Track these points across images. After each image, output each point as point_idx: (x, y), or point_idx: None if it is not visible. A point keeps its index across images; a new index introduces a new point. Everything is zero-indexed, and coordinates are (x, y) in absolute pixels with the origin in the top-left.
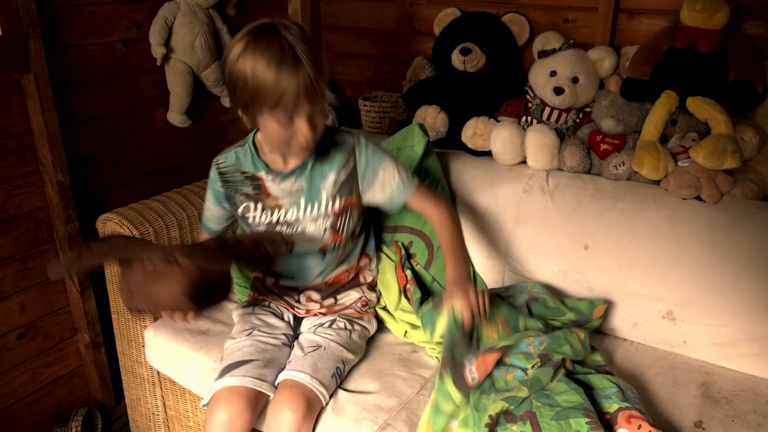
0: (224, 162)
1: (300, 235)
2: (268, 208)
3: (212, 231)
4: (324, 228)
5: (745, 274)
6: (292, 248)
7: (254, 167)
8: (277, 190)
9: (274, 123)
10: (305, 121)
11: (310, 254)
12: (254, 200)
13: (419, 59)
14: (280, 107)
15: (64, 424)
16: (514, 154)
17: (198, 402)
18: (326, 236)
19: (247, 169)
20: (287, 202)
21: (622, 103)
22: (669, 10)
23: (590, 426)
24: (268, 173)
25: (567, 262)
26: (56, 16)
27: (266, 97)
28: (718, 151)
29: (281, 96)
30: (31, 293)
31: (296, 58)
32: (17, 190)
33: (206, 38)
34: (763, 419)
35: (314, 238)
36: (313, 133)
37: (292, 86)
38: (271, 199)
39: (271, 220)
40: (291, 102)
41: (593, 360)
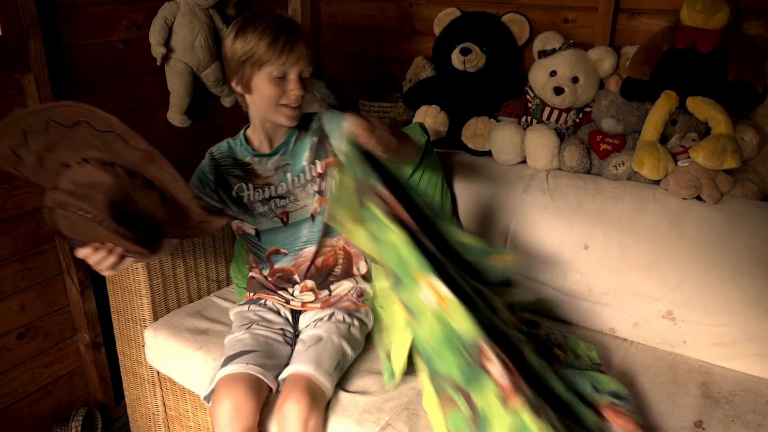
0: (218, 150)
1: (293, 204)
2: (259, 187)
3: None
4: (313, 192)
5: (745, 274)
6: (288, 221)
7: (243, 153)
8: (265, 170)
9: (268, 82)
10: (296, 78)
11: (302, 222)
12: (245, 181)
13: (419, 59)
14: (275, 64)
15: (64, 424)
16: (514, 154)
17: (198, 402)
18: (315, 200)
19: (237, 156)
20: (276, 179)
21: (622, 103)
22: (669, 10)
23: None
24: (255, 156)
25: (567, 262)
26: (56, 16)
27: (263, 54)
28: (718, 151)
29: (276, 51)
30: (31, 293)
31: (294, 25)
32: (17, 190)
33: (206, 38)
34: (763, 419)
35: (306, 205)
36: (303, 90)
37: (292, 45)
38: (261, 179)
39: (264, 196)
40: (287, 58)
41: (589, 356)
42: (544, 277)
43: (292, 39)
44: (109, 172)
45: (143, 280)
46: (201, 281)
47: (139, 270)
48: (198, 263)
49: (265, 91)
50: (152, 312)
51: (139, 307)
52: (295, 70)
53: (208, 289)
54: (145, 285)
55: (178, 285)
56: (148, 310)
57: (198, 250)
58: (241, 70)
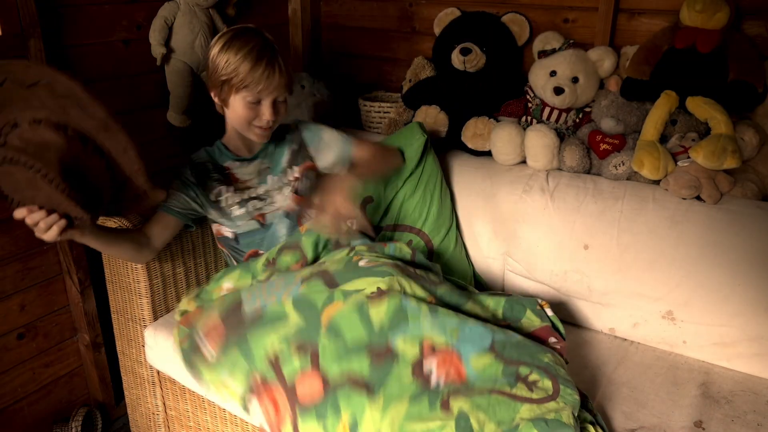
0: (196, 156)
1: (270, 205)
2: (239, 190)
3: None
4: (288, 193)
5: (745, 274)
6: (264, 222)
7: (222, 159)
8: (244, 174)
9: (242, 104)
10: (269, 105)
11: (278, 221)
12: (225, 184)
13: (419, 59)
14: (251, 91)
15: (64, 424)
16: (514, 154)
17: (198, 402)
18: (290, 199)
19: (216, 160)
20: (256, 182)
21: (622, 103)
22: (669, 10)
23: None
24: (234, 161)
25: (567, 262)
26: (56, 16)
27: (241, 80)
28: (718, 151)
29: (253, 79)
30: (31, 293)
31: (274, 53)
32: None
33: (206, 38)
34: (763, 419)
35: (281, 206)
36: (275, 116)
37: (269, 74)
38: (240, 182)
39: (243, 198)
40: (262, 88)
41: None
42: (544, 277)
43: (270, 67)
44: (62, 136)
45: (143, 280)
46: (201, 281)
47: (139, 270)
48: (198, 263)
49: (239, 111)
50: (152, 312)
51: (139, 307)
52: (270, 97)
53: None
54: (145, 285)
55: (178, 285)
56: (148, 310)
57: (198, 250)
58: (220, 87)
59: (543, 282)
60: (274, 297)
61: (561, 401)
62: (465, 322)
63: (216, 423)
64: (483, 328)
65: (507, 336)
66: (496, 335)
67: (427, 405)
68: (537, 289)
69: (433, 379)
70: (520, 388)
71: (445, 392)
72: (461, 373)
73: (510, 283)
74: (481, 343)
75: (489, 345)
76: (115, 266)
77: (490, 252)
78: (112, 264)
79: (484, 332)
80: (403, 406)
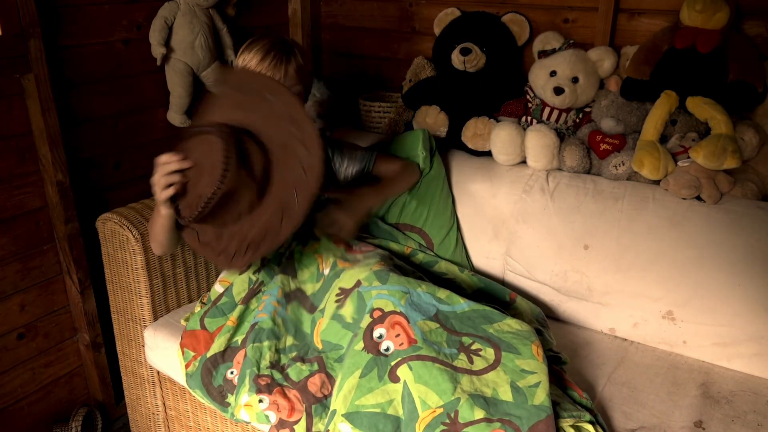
0: None
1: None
2: None
3: None
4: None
5: (745, 274)
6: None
7: None
8: None
9: None
10: None
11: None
12: None
13: (419, 59)
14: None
15: (64, 424)
16: (514, 154)
17: (198, 402)
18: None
19: None
20: None
21: (622, 103)
22: (669, 10)
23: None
24: None
25: (567, 262)
26: (56, 16)
27: (259, 67)
28: (718, 151)
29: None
30: (31, 293)
31: (285, 45)
32: (17, 190)
33: (206, 38)
34: (763, 419)
35: None
36: None
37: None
38: None
39: None
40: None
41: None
42: (544, 277)
43: (281, 58)
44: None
45: (143, 280)
46: (201, 281)
47: (139, 270)
48: (198, 263)
49: None
50: (152, 312)
51: (139, 307)
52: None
53: (208, 289)
54: (145, 285)
55: (178, 285)
56: (148, 310)
57: None
58: None
59: (543, 282)
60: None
61: (501, 370)
62: (415, 288)
63: (216, 423)
64: (429, 297)
65: (452, 307)
66: (441, 306)
67: (376, 376)
68: (537, 289)
69: (383, 344)
70: (461, 359)
71: (394, 359)
72: (410, 336)
73: (510, 283)
74: (427, 313)
75: (433, 315)
76: (115, 266)
77: (490, 252)
78: (112, 264)
79: (429, 303)
80: (355, 379)
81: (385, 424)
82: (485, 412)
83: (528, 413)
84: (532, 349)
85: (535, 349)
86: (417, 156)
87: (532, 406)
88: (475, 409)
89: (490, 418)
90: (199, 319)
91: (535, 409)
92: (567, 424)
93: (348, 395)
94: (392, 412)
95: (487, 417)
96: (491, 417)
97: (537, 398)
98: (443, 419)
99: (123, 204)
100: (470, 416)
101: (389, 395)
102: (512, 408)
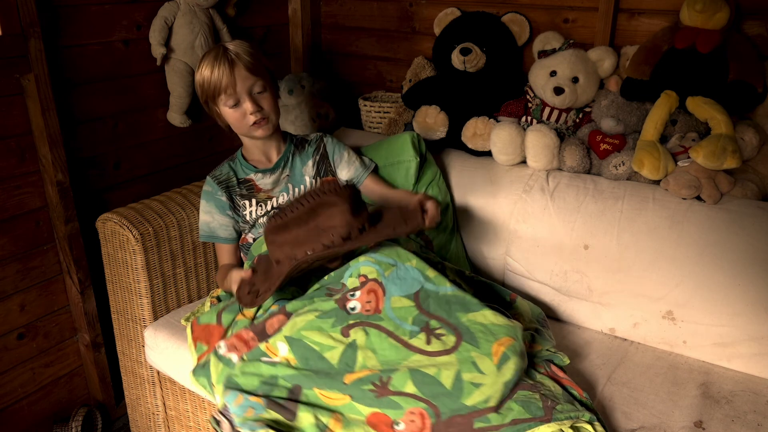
0: (219, 173)
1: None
2: (261, 201)
3: (226, 239)
4: None
5: (745, 274)
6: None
7: (245, 172)
8: (266, 184)
9: (228, 110)
10: (249, 99)
11: None
12: (248, 198)
13: (419, 59)
14: (224, 94)
15: (64, 424)
16: (514, 154)
17: (198, 402)
18: None
19: (239, 175)
20: (277, 191)
21: (622, 103)
22: (669, 10)
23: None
24: (257, 173)
25: (567, 262)
26: (56, 16)
27: (212, 90)
28: (718, 151)
29: (219, 83)
30: (31, 293)
31: (227, 52)
32: (17, 190)
33: (206, 38)
34: (763, 419)
35: None
36: (257, 107)
37: (226, 72)
38: (263, 193)
39: (267, 210)
40: (229, 85)
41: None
42: (544, 277)
43: (225, 63)
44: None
45: (143, 280)
46: (201, 281)
47: (139, 270)
48: (198, 263)
49: (230, 118)
50: (152, 312)
51: (139, 307)
52: (243, 90)
53: (208, 289)
54: (145, 285)
55: (178, 285)
56: (148, 310)
57: (198, 250)
58: (209, 108)
59: (543, 282)
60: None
61: (455, 356)
62: (404, 262)
63: None
64: (417, 273)
65: (437, 287)
66: (426, 284)
67: (330, 323)
68: (537, 289)
69: (352, 302)
70: (419, 339)
71: (354, 319)
72: (378, 306)
73: (510, 283)
74: (408, 290)
75: (414, 292)
76: (115, 266)
77: (490, 252)
78: (112, 264)
79: (415, 279)
80: (311, 315)
81: (316, 362)
82: (417, 389)
83: (455, 406)
84: (492, 347)
85: (496, 347)
86: (409, 164)
87: (462, 403)
88: (408, 382)
89: (419, 396)
90: (217, 313)
91: (463, 407)
92: (565, 426)
93: (298, 323)
94: (328, 356)
95: (416, 394)
96: (420, 395)
97: (471, 398)
98: (374, 380)
99: (123, 204)
100: (401, 386)
101: (332, 342)
102: (445, 395)
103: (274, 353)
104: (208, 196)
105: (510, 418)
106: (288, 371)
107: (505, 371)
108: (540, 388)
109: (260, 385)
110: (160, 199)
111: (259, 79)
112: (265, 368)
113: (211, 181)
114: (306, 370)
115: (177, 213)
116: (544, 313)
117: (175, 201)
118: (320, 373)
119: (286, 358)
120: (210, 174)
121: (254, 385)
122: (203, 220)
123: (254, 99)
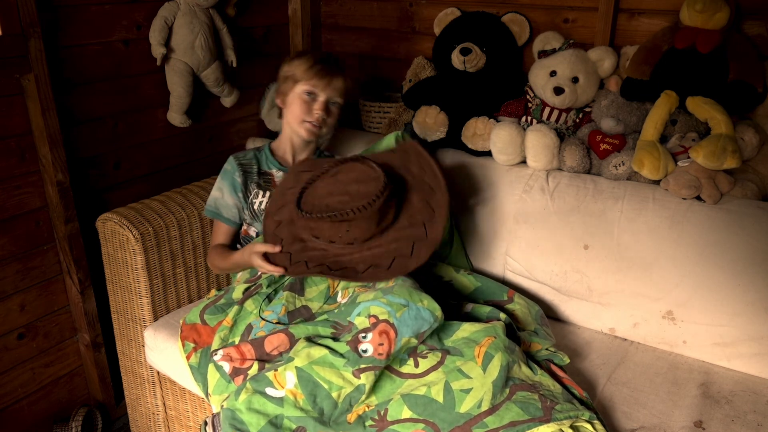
0: (243, 156)
1: None
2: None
3: (228, 219)
4: None
5: (745, 274)
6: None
7: (268, 165)
8: None
9: (301, 95)
10: (322, 102)
11: None
12: (263, 189)
13: (419, 59)
14: (314, 80)
15: (64, 424)
16: (514, 154)
17: (198, 402)
18: None
19: (262, 166)
20: None
21: (622, 103)
22: (669, 10)
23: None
24: (279, 170)
25: (567, 262)
26: (56, 16)
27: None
28: (718, 151)
29: (318, 73)
30: (31, 293)
31: (335, 61)
32: (17, 190)
33: (206, 38)
34: (763, 419)
35: None
36: (324, 114)
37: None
38: None
39: None
40: (322, 81)
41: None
42: (544, 277)
43: (327, 69)
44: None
45: (143, 280)
46: (201, 281)
47: (139, 270)
48: (198, 263)
49: (294, 105)
50: (152, 312)
51: (139, 307)
52: (324, 94)
53: (207, 289)
54: (145, 285)
55: (178, 285)
56: (148, 310)
57: (198, 250)
58: (284, 85)
59: (543, 282)
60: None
61: (442, 370)
62: (416, 302)
63: None
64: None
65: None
66: (434, 325)
67: (343, 362)
68: (537, 289)
69: (364, 344)
70: (408, 365)
71: (366, 363)
72: (391, 349)
73: (510, 283)
74: (417, 329)
75: (422, 332)
76: (115, 266)
77: (490, 252)
78: (112, 264)
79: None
80: (323, 351)
81: (322, 399)
82: (412, 412)
83: (451, 417)
84: (474, 351)
85: (478, 350)
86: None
87: (456, 413)
88: (403, 408)
89: (416, 418)
90: (199, 313)
91: (459, 416)
92: (565, 426)
93: (311, 355)
94: (335, 395)
95: (413, 417)
96: (417, 417)
97: (464, 405)
98: (373, 415)
99: (123, 204)
100: (398, 415)
101: (342, 382)
102: (439, 410)
103: (281, 384)
104: (225, 175)
105: (508, 419)
106: (294, 412)
107: (492, 370)
108: (539, 388)
109: (266, 425)
110: (160, 199)
111: (342, 98)
112: (271, 407)
113: (232, 161)
114: (312, 411)
115: (177, 213)
116: (544, 312)
117: (175, 201)
118: (325, 415)
119: (293, 393)
120: (233, 155)
121: (259, 425)
122: (213, 196)
123: (328, 105)
